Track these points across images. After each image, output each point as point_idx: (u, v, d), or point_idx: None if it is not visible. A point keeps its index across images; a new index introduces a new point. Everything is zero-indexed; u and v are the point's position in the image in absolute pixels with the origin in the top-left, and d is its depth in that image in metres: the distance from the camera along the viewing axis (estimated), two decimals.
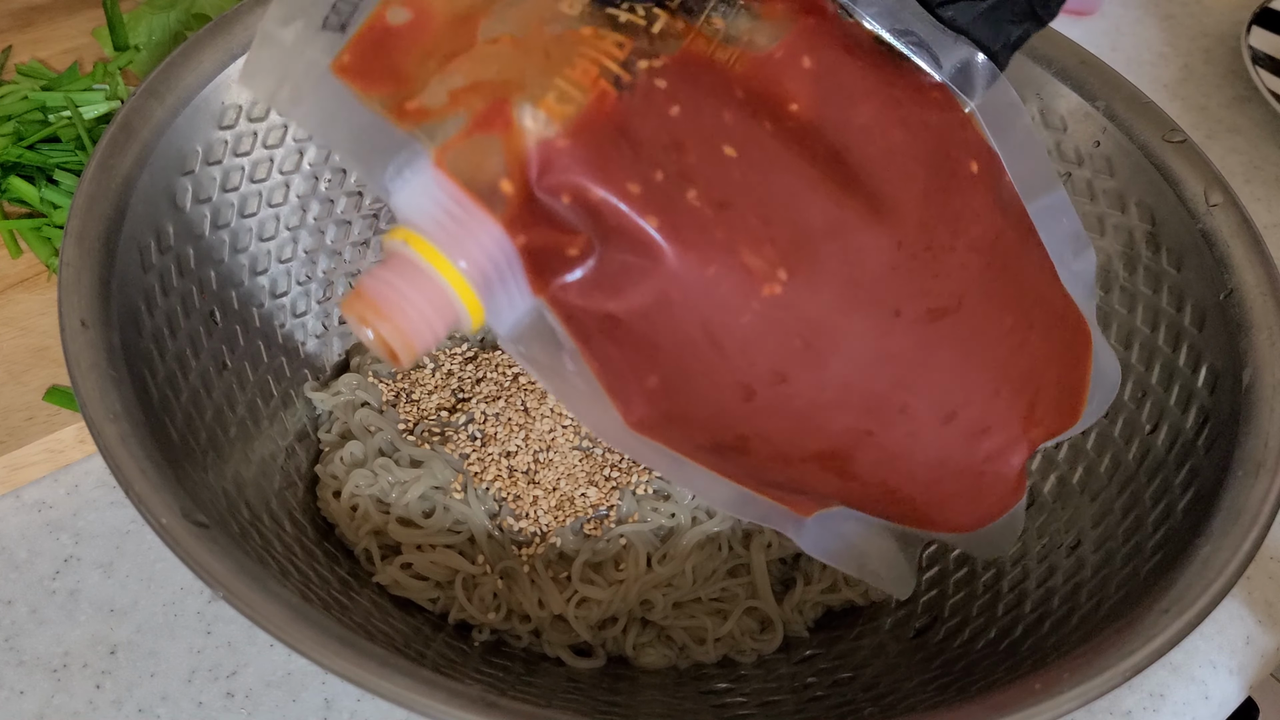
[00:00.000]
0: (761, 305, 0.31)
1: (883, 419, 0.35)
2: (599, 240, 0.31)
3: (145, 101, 0.44)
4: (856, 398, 0.34)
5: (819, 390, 0.33)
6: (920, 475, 0.37)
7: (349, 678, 0.31)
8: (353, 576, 0.44)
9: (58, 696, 0.43)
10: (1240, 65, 0.77)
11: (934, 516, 0.39)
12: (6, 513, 0.48)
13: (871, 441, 0.35)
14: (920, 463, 0.36)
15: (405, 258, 0.30)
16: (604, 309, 0.31)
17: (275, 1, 0.33)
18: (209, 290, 0.45)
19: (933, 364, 0.34)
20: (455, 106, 0.30)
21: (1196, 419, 0.43)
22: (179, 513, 0.34)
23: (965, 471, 0.37)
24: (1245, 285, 0.43)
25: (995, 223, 0.36)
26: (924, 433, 0.35)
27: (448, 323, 0.31)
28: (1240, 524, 0.37)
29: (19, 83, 0.62)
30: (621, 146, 0.30)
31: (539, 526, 0.46)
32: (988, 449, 0.37)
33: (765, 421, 0.34)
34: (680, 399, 0.33)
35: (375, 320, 0.30)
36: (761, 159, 0.31)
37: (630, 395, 0.33)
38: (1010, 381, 0.37)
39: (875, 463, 0.36)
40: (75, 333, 0.37)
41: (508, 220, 0.30)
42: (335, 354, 0.53)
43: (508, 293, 0.31)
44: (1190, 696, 0.47)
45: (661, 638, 0.46)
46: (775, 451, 0.35)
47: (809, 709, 0.41)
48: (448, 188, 0.30)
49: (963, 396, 0.36)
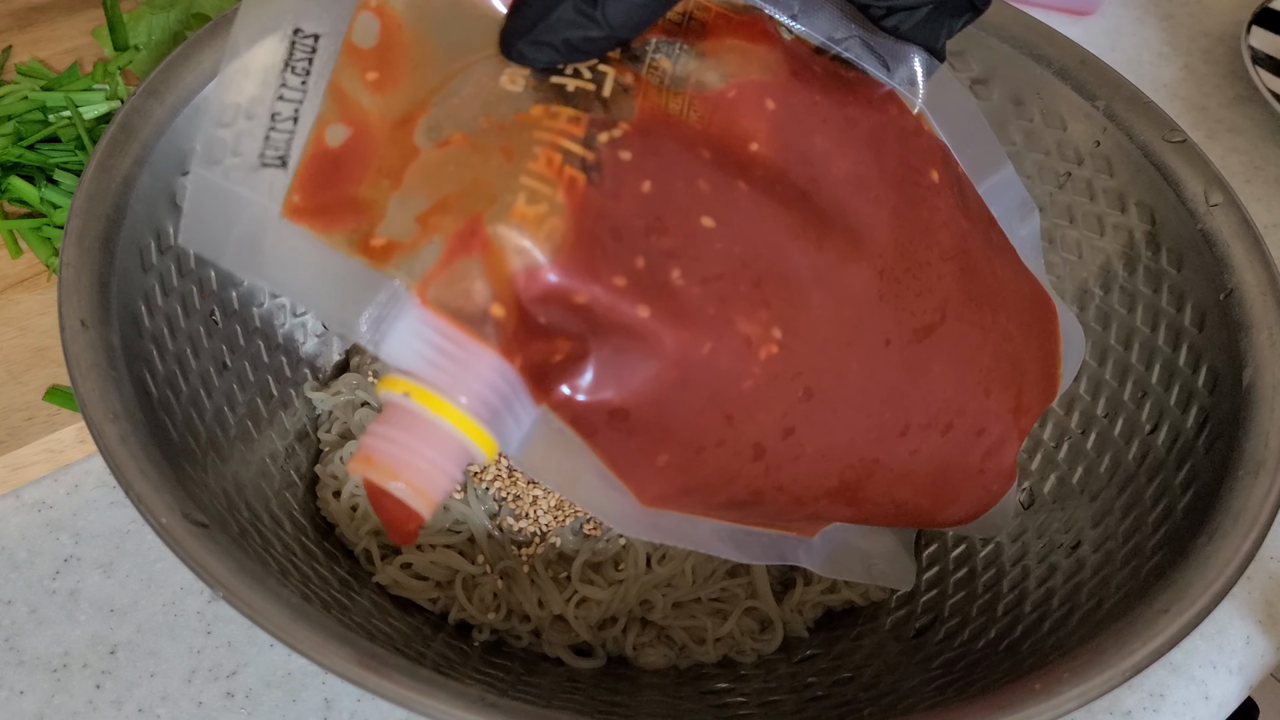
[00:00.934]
0: (761, 368, 0.31)
1: (886, 445, 0.35)
2: (594, 338, 0.30)
3: (145, 101, 0.44)
4: (860, 432, 0.34)
5: (826, 434, 0.33)
6: (926, 486, 0.37)
7: (349, 678, 0.31)
8: (353, 576, 0.44)
9: (58, 696, 0.43)
10: (1240, 65, 0.77)
11: (938, 516, 0.39)
12: (6, 513, 0.48)
13: (879, 468, 0.35)
14: (925, 475, 0.36)
15: (406, 409, 0.29)
16: (607, 403, 0.31)
17: (200, 141, 0.30)
18: (209, 290, 0.45)
19: (926, 382, 0.35)
20: (427, 234, 0.29)
21: (1196, 419, 0.43)
22: (179, 513, 0.34)
23: (966, 472, 0.38)
24: (1245, 285, 0.43)
25: (960, 225, 0.36)
26: (926, 448, 0.36)
27: (461, 465, 0.30)
28: (1240, 524, 0.37)
29: (19, 83, 0.62)
30: (602, 239, 0.29)
31: (539, 526, 0.46)
32: (985, 447, 0.37)
33: (777, 474, 0.34)
34: (692, 471, 0.33)
35: (387, 482, 0.29)
36: (741, 222, 0.31)
37: (643, 477, 0.32)
38: (998, 377, 0.37)
39: (884, 486, 0.36)
40: (75, 333, 0.37)
41: (504, 346, 0.29)
42: (335, 354, 0.53)
43: (514, 414, 0.30)
44: (1190, 696, 0.47)
45: (661, 638, 0.46)
46: (789, 498, 0.35)
47: (809, 709, 0.41)
48: (437, 324, 0.28)
49: (957, 405, 0.36)
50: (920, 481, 0.37)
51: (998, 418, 0.37)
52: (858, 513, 0.37)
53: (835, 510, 0.36)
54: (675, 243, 0.30)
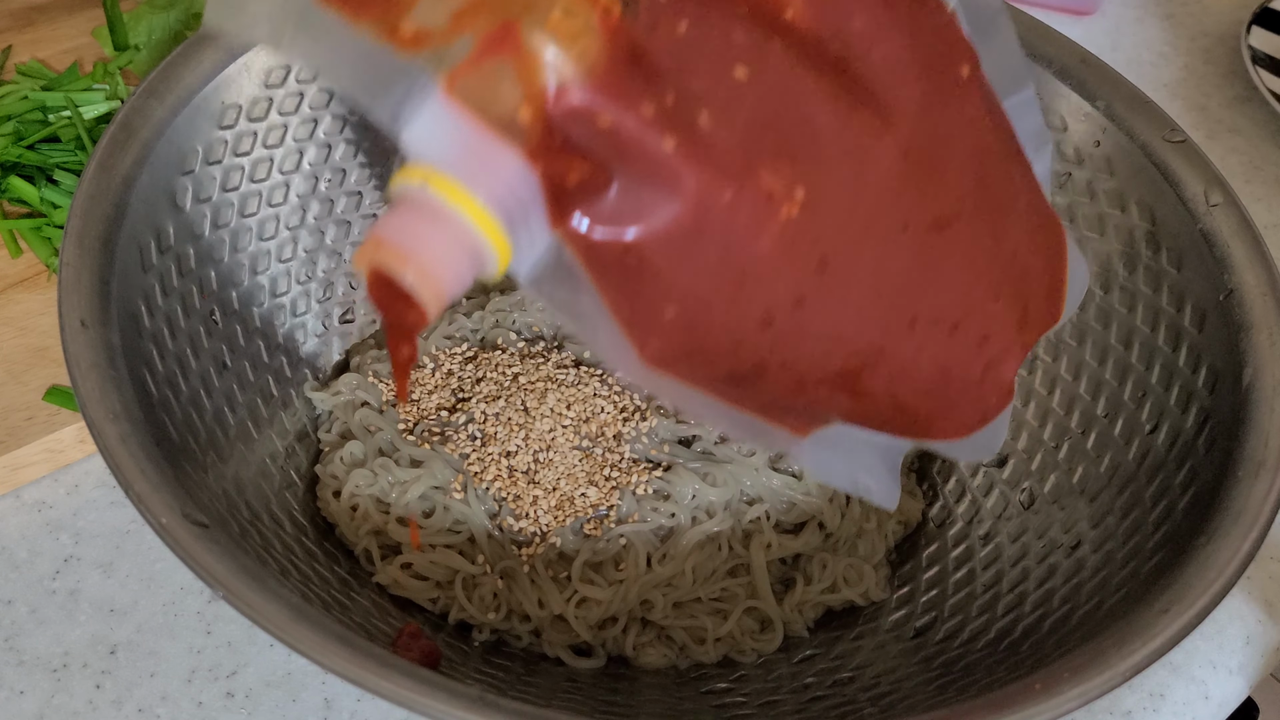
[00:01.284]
0: (780, 229, 0.31)
1: (893, 334, 0.35)
2: (615, 167, 0.30)
3: (145, 101, 0.44)
4: (869, 315, 0.34)
5: (835, 310, 0.33)
6: (926, 387, 0.37)
7: (349, 678, 0.31)
8: (353, 576, 0.44)
9: (58, 696, 0.43)
10: (1240, 65, 0.77)
11: (933, 426, 0.39)
12: (6, 513, 0.48)
13: (883, 358, 0.35)
14: (927, 375, 0.36)
15: (422, 199, 0.28)
16: (621, 239, 0.30)
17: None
18: (209, 290, 0.45)
19: (938, 275, 0.35)
20: (459, 29, 0.29)
21: (1196, 419, 0.43)
22: (179, 513, 0.34)
23: (967, 380, 0.38)
24: (1245, 285, 0.43)
25: (985, 126, 0.36)
26: (931, 345, 0.36)
27: (473, 266, 0.29)
28: (1240, 524, 0.37)
29: (19, 83, 0.62)
30: (634, 68, 0.29)
31: (539, 526, 0.46)
32: (988, 356, 0.37)
33: (783, 347, 0.33)
34: (697, 331, 0.32)
35: (398, 266, 0.28)
36: (773, 79, 0.31)
37: (647, 330, 0.32)
38: (1007, 287, 0.37)
39: (886, 379, 0.36)
40: (75, 333, 0.37)
41: (529, 150, 0.28)
42: (335, 354, 0.53)
43: (528, 230, 0.30)
44: (1190, 696, 0.47)
45: (661, 638, 0.46)
46: (791, 377, 0.34)
47: (809, 709, 0.41)
48: (462, 118, 0.28)
49: (966, 306, 0.36)
50: (922, 381, 0.36)
51: (1003, 327, 0.37)
52: (856, 406, 0.37)
53: (835, 400, 0.36)
54: (706, 86, 0.30)
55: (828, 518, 0.48)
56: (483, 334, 0.53)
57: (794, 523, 0.48)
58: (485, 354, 0.52)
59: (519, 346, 0.52)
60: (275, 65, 0.48)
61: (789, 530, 0.48)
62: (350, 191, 0.53)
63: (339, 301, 0.53)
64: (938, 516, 0.51)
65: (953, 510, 0.50)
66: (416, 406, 0.50)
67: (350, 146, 0.52)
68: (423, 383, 0.51)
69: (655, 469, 0.47)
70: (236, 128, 0.47)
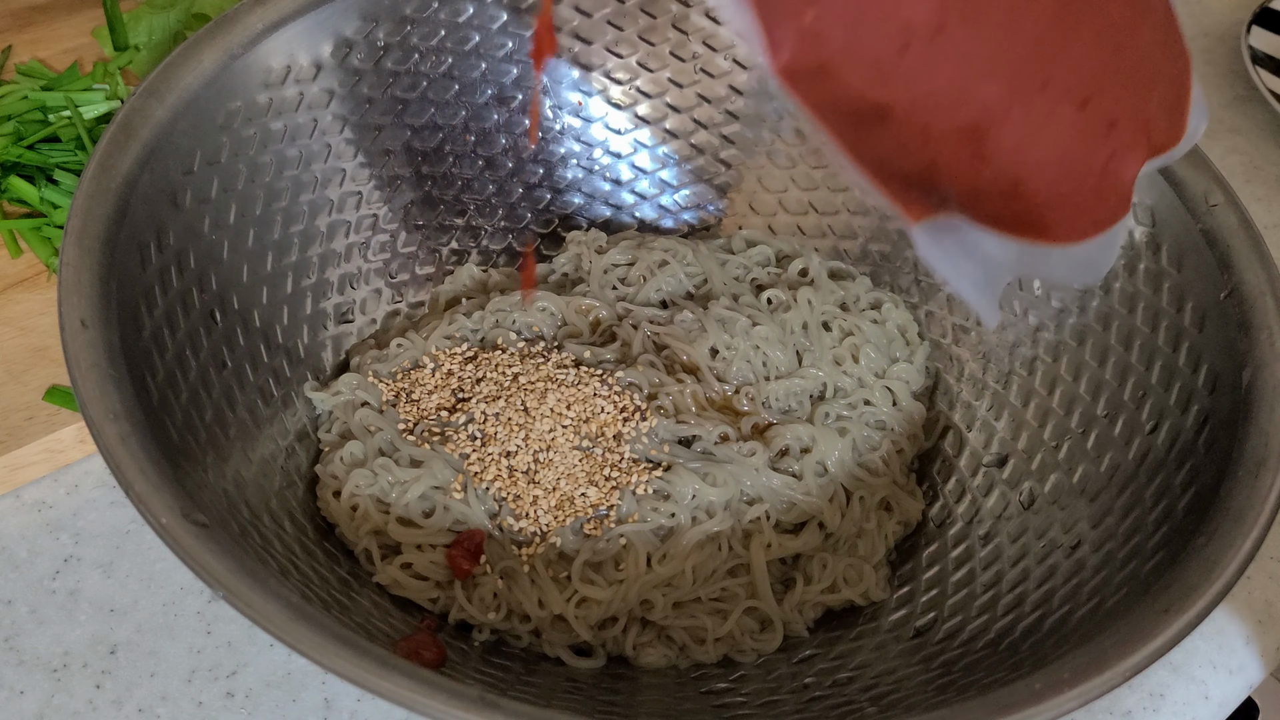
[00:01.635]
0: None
1: (1024, 93, 0.35)
2: None
3: (145, 101, 0.44)
4: (1004, 64, 0.34)
5: (971, 49, 0.33)
6: (1048, 166, 0.37)
7: (349, 678, 0.31)
8: (353, 576, 0.44)
9: (58, 696, 0.43)
10: (1240, 65, 0.77)
11: (1049, 219, 0.38)
12: (6, 513, 0.48)
13: (1010, 119, 0.35)
14: (1051, 150, 0.36)
15: None
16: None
17: None
18: (209, 290, 0.45)
19: (1076, 41, 0.35)
20: None
21: (1196, 419, 0.43)
22: (179, 513, 0.34)
23: (1089, 169, 0.37)
24: (1245, 285, 0.43)
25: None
26: (1059, 116, 0.36)
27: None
28: (1240, 524, 0.37)
29: (19, 83, 0.62)
30: None
31: (539, 526, 0.46)
32: (1113, 146, 0.37)
33: (914, 82, 0.33)
34: (833, 43, 0.32)
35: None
36: None
37: (784, 32, 0.32)
38: (1140, 77, 0.37)
39: (1011, 144, 0.36)
40: (75, 332, 0.37)
41: None
42: (335, 354, 0.53)
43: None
44: (1190, 696, 0.47)
45: (661, 638, 0.46)
46: (917, 125, 0.34)
47: (809, 709, 0.41)
48: None
49: (1098, 83, 0.36)
50: (1045, 156, 0.36)
51: (1130, 118, 0.37)
52: (976, 175, 0.37)
53: (956, 162, 0.36)
54: None
55: (828, 518, 0.48)
56: (483, 334, 0.53)
57: (794, 523, 0.48)
58: (485, 354, 0.52)
59: (519, 346, 0.52)
60: (275, 65, 0.48)
61: (789, 530, 0.48)
62: (350, 192, 0.53)
63: (339, 301, 0.53)
64: (938, 516, 0.51)
65: (953, 510, 0.50)
66: (416, 406, 0.50)
67: (350, 147, 0.52)
68: (423, 383, 0.51)
69: (655, 469, 0.47)
70: (236, 128, 0.47)
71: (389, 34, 0.52)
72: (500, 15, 0.55)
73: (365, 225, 0.54)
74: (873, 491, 0.50)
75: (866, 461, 0.50)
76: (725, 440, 0.49)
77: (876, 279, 0.58)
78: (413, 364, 0.51)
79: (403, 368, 0.51)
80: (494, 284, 0.57)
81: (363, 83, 0.52)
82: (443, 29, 0.54)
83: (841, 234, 0.58)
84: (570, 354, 0.51)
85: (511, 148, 0.58)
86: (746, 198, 0.60)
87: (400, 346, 0.52)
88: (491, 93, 0.56)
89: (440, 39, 0.54)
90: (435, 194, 0.56)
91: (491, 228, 0.58)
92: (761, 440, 0.49)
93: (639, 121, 0.59)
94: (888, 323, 0.55)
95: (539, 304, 0.53)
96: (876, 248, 0.58)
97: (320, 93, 0.50)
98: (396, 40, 0.52)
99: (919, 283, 0.56)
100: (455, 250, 0.57)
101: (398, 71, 0.53)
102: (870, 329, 0.54)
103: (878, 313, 0.56)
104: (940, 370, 0.55)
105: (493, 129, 0.57)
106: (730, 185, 0.60)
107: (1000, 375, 0.52)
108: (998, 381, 0.52)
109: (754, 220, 0.60)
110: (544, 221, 0.59)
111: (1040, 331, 0.51)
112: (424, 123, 0.55)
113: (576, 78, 0.58)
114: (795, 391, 0.52)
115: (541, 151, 0.58)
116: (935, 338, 0.55)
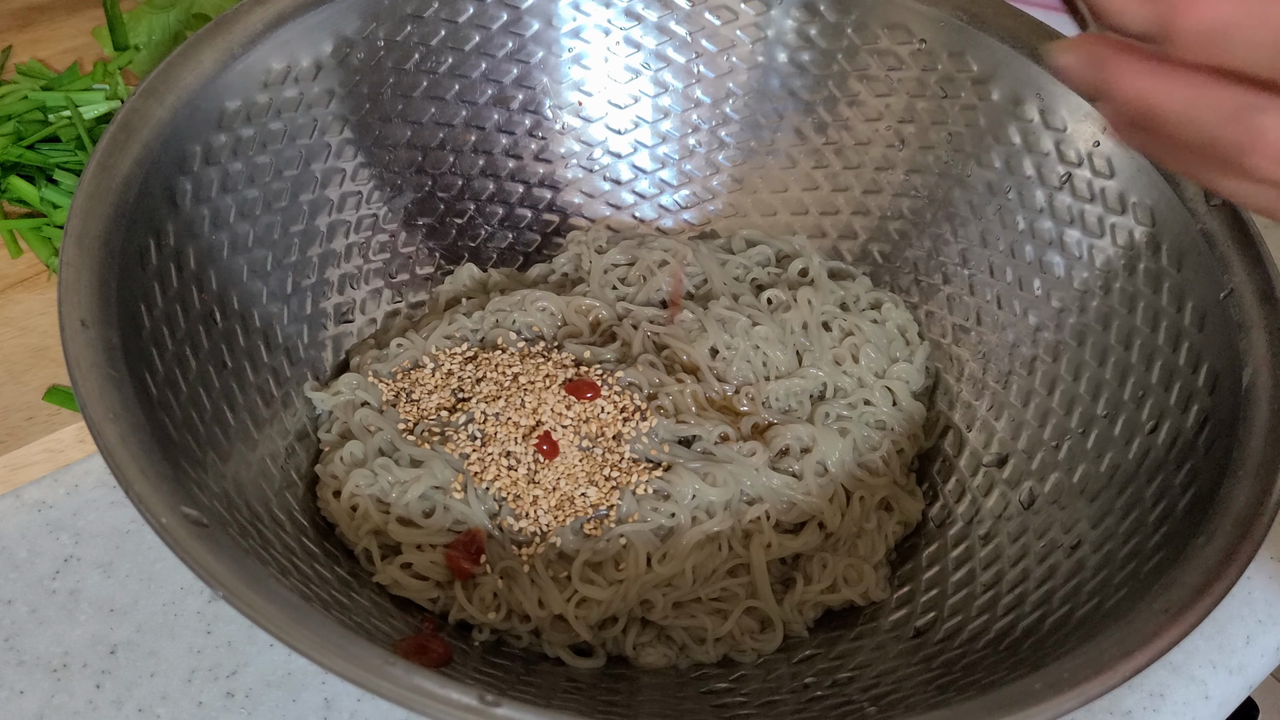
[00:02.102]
0: None
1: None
2: None
3: (145, 101, 0.44)
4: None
5: None
6: None
7: (349, 678, 0.31)
8: (353, 576, 0.44)
9: (58, 696, 0.43)
10: None
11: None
12: (6, 513, 0.48)
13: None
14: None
15: None
16: None
17: None
18: (209, 290, 0.45)
19: None
20: None
21: (1196, 419, 0.43)
22: (179, 513, 0.34)
23: None
24: (1245, 285, 0.43)
25: None
26: None
27: None
28: (1240, 524, 0.37)
29: (19, 83, 0.62)
30: None
31: (539, 526, 0.46)
32: None
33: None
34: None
35: None
36: None
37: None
38: None
39: None
40: (75, 333, 0.37)
41: None
42: (335, 354, 0.53)
43: None
44: (1190, 696, 0.47)
45: (661, 637, 0.46)
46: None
47: (809, 709, 0.41)
48: None
49: None
50: None
51: None
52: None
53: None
54: None
55: (828, 518, 0.48)
56: (483, 334, 0.53)
57: (794, 523, 0.48)
58: (485, 354, 0.52)
59: (519, 346, 0.52)
60: (275, 65, 0.48)
61: (789, 530, 0.48)
62: (350, 192, 0.53)
63: (339, 301, 0.53)
64: (938, 516, 0.51)
65: (953, 510, 0.50)
66: (416, 406, 0.50)
67: (350, 147, 0.52)
68: (423, 383, 0.51)
69: (655, 469, 0.47)
70: (236, 128, 0.47)
71: (389, 34, 0.52)
72: (500, 15, 0.55)
73: (365, 225, 0.54)
74: (873, 491, 0.50)
75: (866, 461, 0.50)
76: (725, 440, 0.49)
77: (876, 279, 0.58)
78: (413, 364, 0.51)
79: (403, 368, 0.51)
80: (494, 284, 0.57)
81: (363, 82, 0.52)
82: (443, 29, 0.54)
83: (841, 234, 0.58)
84: (570, 354, 0.51)
85: (511, 148, 0.58)
86: (746, 198, 0.60)
87: (400, 346, 0.52)
88: (491, 93, 0.56)
89: (440, 39, 0.54)
90: (435, 194, 0.56)
91: (491, 228, 0.58)
92: (761, 440, 0.49)
93: (639, 121, 0.59)
94: (888, 323, 0.55)
95: (539, 304, 0.53)
96: (876, 248, 0.58)
97: (320, 93, 0.50)
98: (397, 40, 0.52)
99: (919, 283, 0.56)
100: (455, 250, 0.57)
101: (398, 71, 0.53)
102: (870, 329, 0.54)
103: (878, 313, 0.56)
104: (940, 370, 0.55)
105: (493, 129, 0.57)
106: (730, 185, 0.60)
107: (1000, 375, 0.52)
108: (998, 381, 0.52)
109: (754, 220, 0.60)
110: (544, 221, 0.60)
111: (1040, 331, 0.51)
112: (424, 122, 0.55)
113: (577, 78, 0.58)
114: (795, 391, 0.52)
115: (541, 151, 0.59)
116: (935, 338, 0.55)
